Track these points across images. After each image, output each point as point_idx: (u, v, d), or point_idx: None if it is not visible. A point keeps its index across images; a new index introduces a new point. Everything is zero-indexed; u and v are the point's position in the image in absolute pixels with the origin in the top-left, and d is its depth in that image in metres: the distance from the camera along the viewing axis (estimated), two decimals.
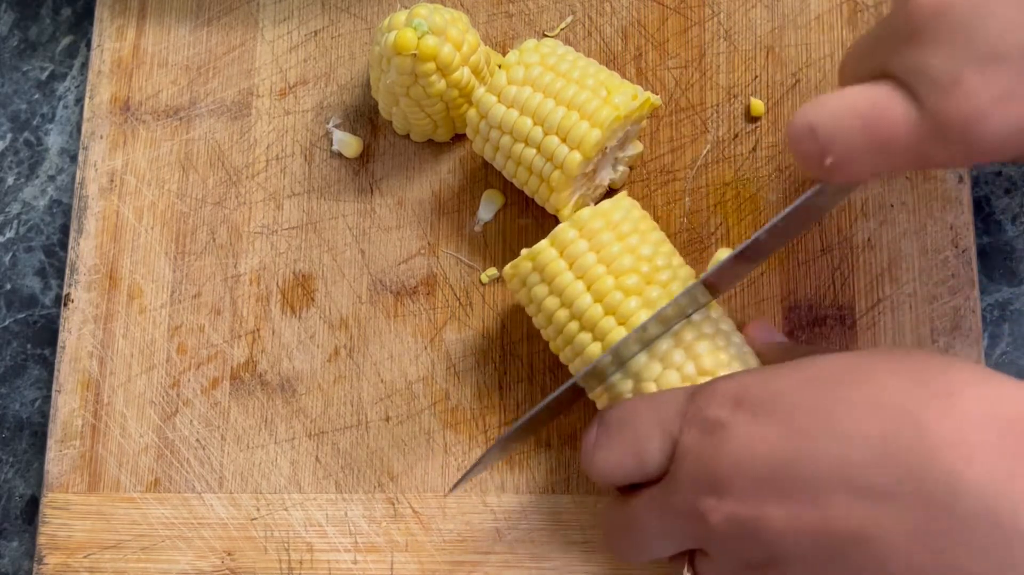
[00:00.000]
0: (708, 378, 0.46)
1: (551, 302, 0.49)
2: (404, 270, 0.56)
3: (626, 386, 0.47)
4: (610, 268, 0.48)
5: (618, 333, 0.47)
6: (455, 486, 0.48)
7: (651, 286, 0.47)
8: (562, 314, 0.48)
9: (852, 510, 0.38)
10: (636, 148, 0.54)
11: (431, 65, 0.50)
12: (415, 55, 0.50)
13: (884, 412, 0.38)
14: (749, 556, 0.40)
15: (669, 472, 0.43)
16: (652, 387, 0.46)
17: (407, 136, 0.57)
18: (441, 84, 0.51)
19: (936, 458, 0.37)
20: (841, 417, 0.39)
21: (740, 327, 0.50)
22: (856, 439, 0.38)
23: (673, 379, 0.46)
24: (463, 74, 0.52)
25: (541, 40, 0.52)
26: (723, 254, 0.49)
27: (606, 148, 0.51)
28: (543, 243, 0.49)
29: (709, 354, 0.47)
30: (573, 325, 0.48)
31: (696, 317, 0.48)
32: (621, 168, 0.54)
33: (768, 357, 0.48)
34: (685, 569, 0.44)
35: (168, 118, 0.59)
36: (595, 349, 0.47)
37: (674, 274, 0.48)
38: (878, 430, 0.38)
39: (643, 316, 0.46)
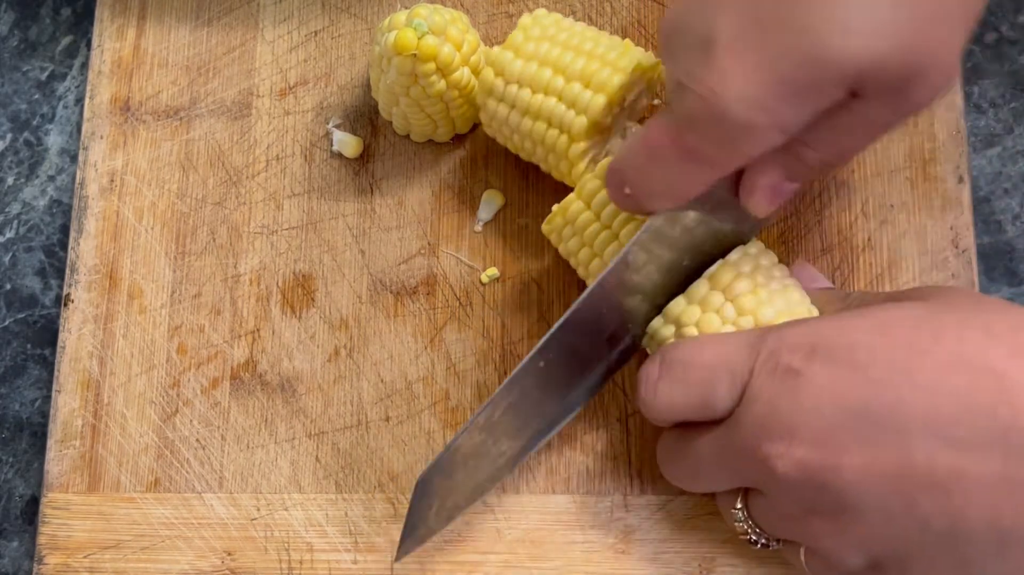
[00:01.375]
0: (749, 318, 0.46)
1: (585, 253, 0.50)
2: (404, 270, 0.56)
3: (668, 331, 0.48)
4: (635, 215, 0.49)
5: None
6: (402, 552, 0.49)
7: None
8: (596, 264, 0.50)
9: (934, 458, 0.38)
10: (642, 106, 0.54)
11: (431, 65, 0.50)
12: (415, 55, 0.50)
13: (965, 366, 0.39)
14: (815, 502, 0.41)
15: (734, 414, 0.43)
16: (693, 331, 0.46)
17: (407, 136, 0.57)
18: (441, 84, 0.51)
19: (1020, 414, 0.38)
20: (922, 369, 0.39)
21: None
22: (939, 391, 0.39)
23: (714, 322, 0.46)
24: (463, 74, 0.52)
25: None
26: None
27: (623, 101, 0.51)
28: (571, 196, 0.51)
29: (749, 294, 0.47)
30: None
31: (733, 256, 0.48)
32: (633, 130, 0.54)
33: (816, 303, 0.48)
34: (737, 505, 0.45)
35: (168, 118, 0.59)
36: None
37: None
38: (961, 383, 0.39)
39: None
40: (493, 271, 0.55)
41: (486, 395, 0.53)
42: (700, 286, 0.47)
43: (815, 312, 0.47)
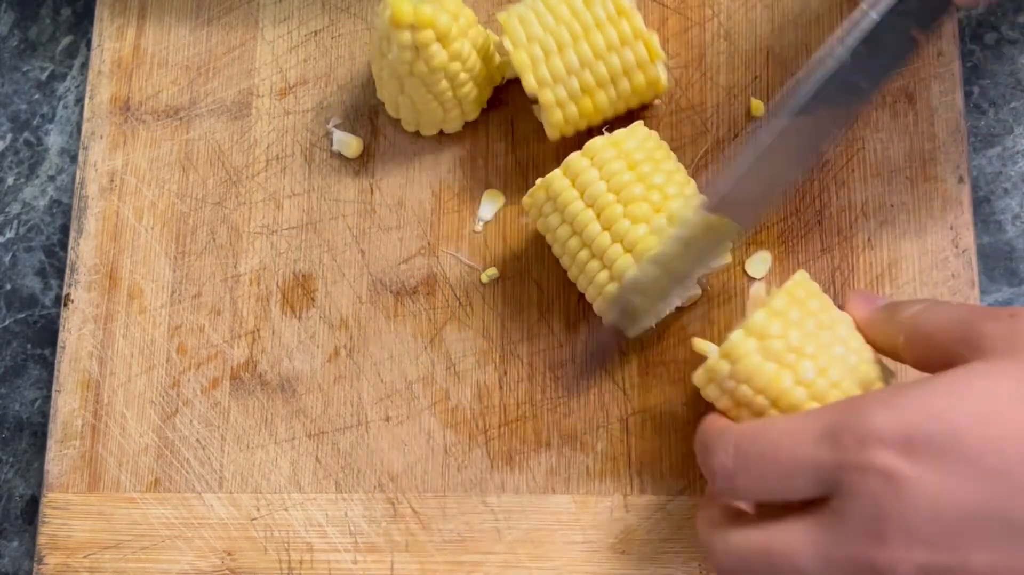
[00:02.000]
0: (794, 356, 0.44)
1: (564, 231, 0.50)
2: (404, 270, 0.56)
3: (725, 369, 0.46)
4: (620, 197, 0.48)
5: (625, 261, 0.47)
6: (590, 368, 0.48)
7: (660, 214, 0.47)
8: (574, 242, 0.49)
9: None
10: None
11: (430, 33, 0.50)
12: (413, 26, 0.50)
13: None
14: None
15: (829, 511, 0.40)
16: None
17: (408, 135, 0.57)
18: (443, 55, 0.51)
19: None
20: None
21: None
22: None
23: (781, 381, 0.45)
24: (463, 46, 0.52)
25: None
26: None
27: None
28: (556, 171, 0.50)
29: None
30: (584, 253, 0.49)
31: (779, 302, 0.46)
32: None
33: (877, 325, 0.46)
34: None
35: (168, 118, 0.59)
36: (604, 277, 0.47)
37: (687, 203, 0.48)
38: None
39: (652, 243, 0.46)
40: (493, 271, 0.55)
41: (486, 395, 0.53)
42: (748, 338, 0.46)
43: (877, 374, 0.45)
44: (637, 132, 0.50)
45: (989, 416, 0.38)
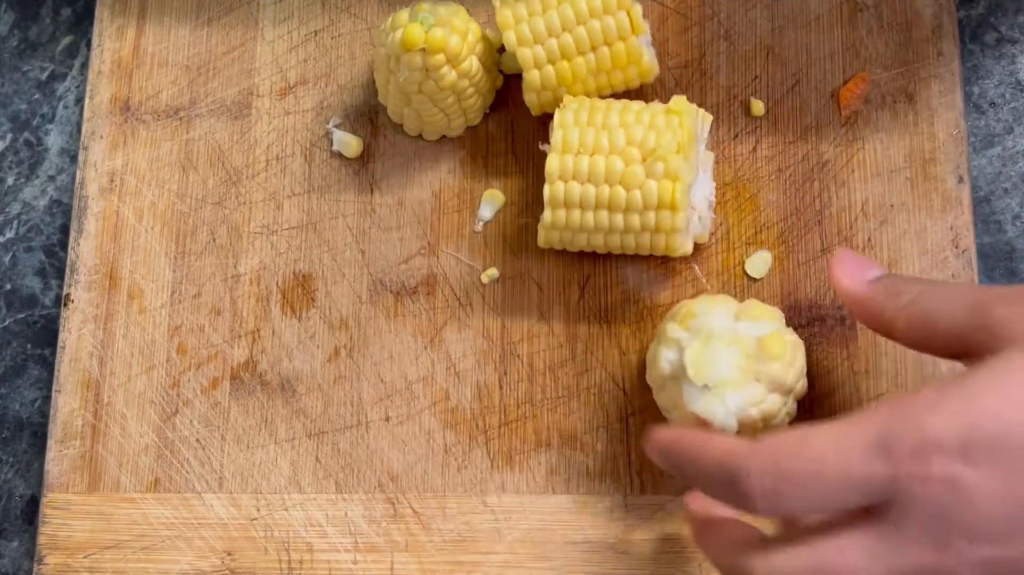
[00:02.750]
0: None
1: (582, 237, 0.52)
2: (404, 270, 0.56)
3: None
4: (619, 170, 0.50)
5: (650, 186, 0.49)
6: None
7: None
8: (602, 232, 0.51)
9: None
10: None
11: (441, 57, 0.50)
12: (424, 49, 0.50)
13: None
14: None
15: (890, 521, 0.38)
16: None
17: (408, 136, 0.57)
18: (452, 75, 0.51)
19: None
20: None
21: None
22: None
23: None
24: (472, 64, 0.52)
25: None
26: None
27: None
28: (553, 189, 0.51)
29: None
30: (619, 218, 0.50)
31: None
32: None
33: (870, 305, 0.45)
34: None
35: (168, 118, 0.59)
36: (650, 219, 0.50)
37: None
38: None
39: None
40: (493, 271, 0.55)
41: (486, 395, 0.53)
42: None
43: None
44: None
45: None
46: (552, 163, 0.50)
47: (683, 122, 0.49)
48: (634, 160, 0.49)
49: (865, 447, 0.38)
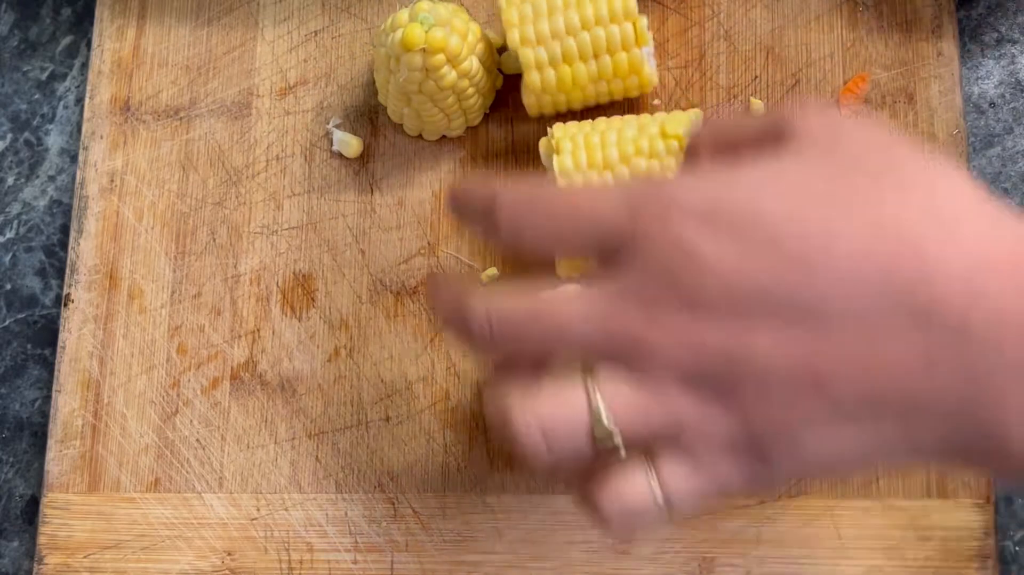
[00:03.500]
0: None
1: None
2: (404, 270, 0.56)
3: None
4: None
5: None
6: None
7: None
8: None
9: (848, 339, 0.35)
10: None
11: (441, 57, 0.50)
12: (424, 50, 0.50)
13: (883, 239, 0.35)
14: (709, 381, 0.36)
15: (616, 279, 0.37)
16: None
17: (408, 136, 0.57)
18: (452, 75, 0.51)
19: (939, 294, 0.35)
20: (838, 243, 0.35)
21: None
22: (857, 269, 0.35)
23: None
24: (472, 64, 0.52)
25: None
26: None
27: None
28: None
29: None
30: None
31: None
32: None
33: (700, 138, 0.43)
34: (596, 395, 0.37)
35: (168, 118, 0.59)
36: None
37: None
38: (879, 260, 0.35)
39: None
40: (493, 271, 0.55)
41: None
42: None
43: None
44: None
45: (796, 207, 0.36)
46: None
47: (683, 143, 0.49)
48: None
49: (616, 200, 0.38)
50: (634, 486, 0.37)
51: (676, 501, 0.37)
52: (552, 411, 0.37)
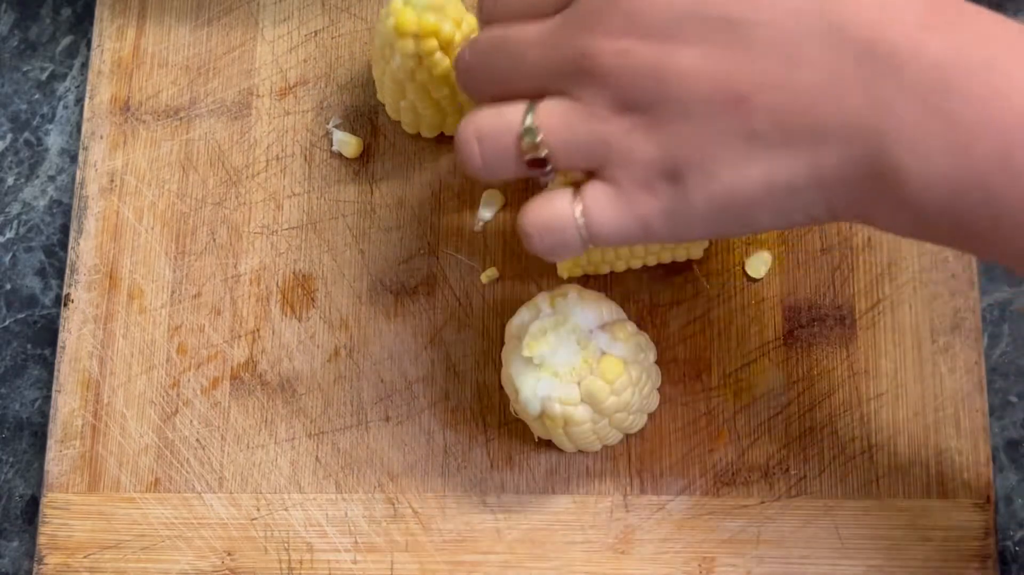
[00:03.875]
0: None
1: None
2: (404, 270, 0.56)
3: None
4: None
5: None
6: None
7: None
8: None
9: (769, 62, 0.37)
10: None
11: (433, 42, 0.50)
12: (417, 35, 0.50)
13: None
14: (633, 98, 0.39)
15: (568, 10, 0.41)
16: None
17: (408, 135, 0.57)
18: (446, 62, 0.51)
19: (852, 18, 0.37)
20: None
21: None
22: None
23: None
24: (442, 62, 0.52)
25: None
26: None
27: None
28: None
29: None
30: None
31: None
32: None
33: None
34: (527, 119, 0.41)
35: (168, 118, 0.59)
36: None
37: None
38: None
39: None
40: (493, 271, 0.55)
41: (486, 395, 0.54)
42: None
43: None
44: None
45: None
46: None
47: None
48: None
49: None
50: (555, 204, 0.41)
51: (595, 224, 0.41)
52: (489, 120, 0.42)
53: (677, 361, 0.53)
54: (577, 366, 0.47)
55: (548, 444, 0.52)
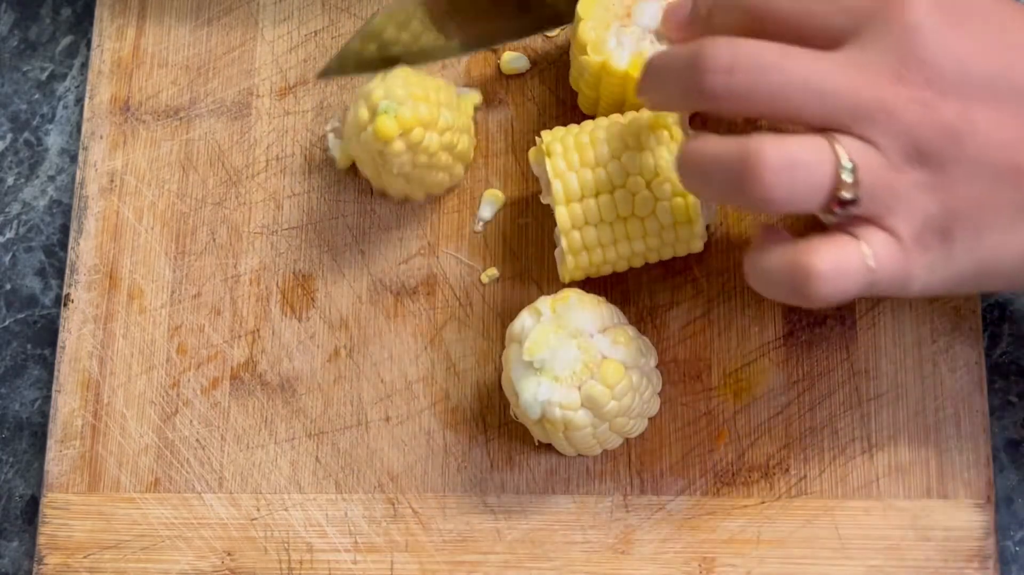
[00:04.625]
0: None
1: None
2: (404, 270, 0.56)
3: None
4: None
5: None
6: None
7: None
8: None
9: None
10: None
11: (419, 130, 0.50)
12: (401, 134, 0.49)
13: None
14: (928, 151, 0.40)
15: (856, 47, 0.41)
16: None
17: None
18: (435, 139, 0.51)
19: None
20: None
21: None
22: None
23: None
24: (446, 115, 0.51)
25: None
26: None
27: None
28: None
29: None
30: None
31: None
32: None
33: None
34: (843, 157, 0.40)
35: (168, 118, 0.59)
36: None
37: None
38: None
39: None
40: (493, 271, 0.55)
41: (486, 395, 0.54)
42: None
43: None
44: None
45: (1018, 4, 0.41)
46: (561, 214, 0.49)
47: (673, 133, 0.49)
48: (640, 187, 0.48)
49: None
50: (848, 251, 0.40)
51: (879, 272, 0.40)
52: (800, 149, 0.40)
53: (677, 361, 0.53)
54: (578, 370, 0.47)
55: (548, 445, 0.52)
